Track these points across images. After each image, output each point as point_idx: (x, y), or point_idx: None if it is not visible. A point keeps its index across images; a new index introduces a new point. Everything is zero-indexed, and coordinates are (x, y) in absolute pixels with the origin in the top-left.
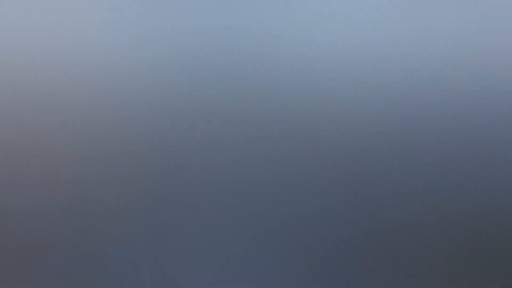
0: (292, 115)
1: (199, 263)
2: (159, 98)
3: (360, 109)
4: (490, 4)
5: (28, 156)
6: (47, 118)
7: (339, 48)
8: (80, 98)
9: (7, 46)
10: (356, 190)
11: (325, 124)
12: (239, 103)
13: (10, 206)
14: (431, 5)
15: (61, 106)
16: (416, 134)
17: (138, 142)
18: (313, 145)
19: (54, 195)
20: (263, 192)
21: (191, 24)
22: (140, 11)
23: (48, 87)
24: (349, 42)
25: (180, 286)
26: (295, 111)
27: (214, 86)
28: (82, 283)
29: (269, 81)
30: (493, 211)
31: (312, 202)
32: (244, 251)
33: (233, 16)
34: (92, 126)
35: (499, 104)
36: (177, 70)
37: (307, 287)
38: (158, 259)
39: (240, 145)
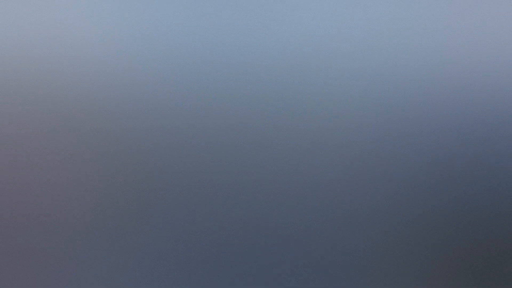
0: (291, 115)
1: (197, 263)
2: (158, 98)
3: (360, 110)
4: (489, 4)
5: (26, 156)
6: (46, 117)
7: (337, 48)
8: (77, 98)
9: (7, 45)
10: (355, 191)
11: (325, 125)
12: (238, 103)
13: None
14: (431, 5)
15: (61, 106)
16: (416, 134)
17: (136, 141)
18: (312, 145)
19: (53, 194)
20: (262, 193)
21: (189, 24)
22: (137, 12)
23: (48, 86)
24: (348, 44)
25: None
26: (294, 111)
27: (213, 86)
28: (81, 283)
29: (267, 81)
30: (492, 212)
31: (311, 203)
32: (243, 252)
33: (231, 17)
34: (89, 126)
35: (499, 105)
36: (175, 70)
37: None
38: (156, 259)
39: (239, 145)
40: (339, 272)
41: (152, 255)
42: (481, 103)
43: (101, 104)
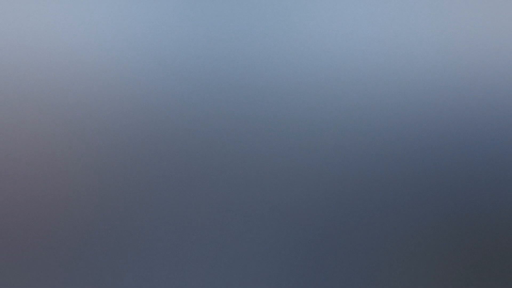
0: (291, 115)
1: (197, 264)
2: (157, 99)
3: (360, 110)
4: (489, 5)
5: (28, 158)
6: (47, 119)
7: (338, 51)
8: (76, 98)
9: (7, 46)
10: (355, 191)
11: (326, 125)
12: (237, 103)
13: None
14: (433, 6)
15: (60, 107)
16: (416, 135)
17: (135, 141)
18: (313, 146)
19: (54, 195)
20: (262, 193)
21: (189, 27)
22: (138, 14)
23: (48, 87)
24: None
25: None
26: (295, 112)
27: (212, 87)
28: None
29: (266, 81)
30: (492, 213)
31: (312, 205)
32: (243, 252)
33: (232, 18)
34: (88, 127)
35: (499, 106)
36: (175, 70)
37: (306, 286)
38: (158, 261)
39: (238, 146)
40: (339, 273)
41: (152, 256)
42: (482, 104)
43: (100, 104)
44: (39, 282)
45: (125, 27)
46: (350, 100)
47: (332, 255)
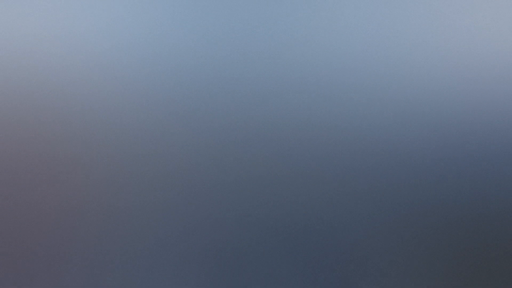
0: (291, 116)
1: (198, 264)
2: (159, 100)
3: (360, 111)
4: (490, 6)
5: (29, 159)
6: (46, 117)
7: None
8: (76, 98)
9: (7, 46)
10: (356, 193)
11: (326, 127)
12: (237, 104)
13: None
14: (435, 7)
15: (61, 106)
16: (417, 136)
17: (134, 142)
18: (313, 146)
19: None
20: (261, 193)
21: (190, 26)
22: (139, 14)
23: (49, 89)
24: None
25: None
26: (296, 113)
27: (216, 90)
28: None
29: (268, 84)
30: (492, 214)
31: (313, 206)
32: (242, 253)
33: (234, 18)
34: (88, 127)
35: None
36: (177, 73)
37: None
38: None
39: (239, 147)
40: (339, 274)
41: (152, 256)
42: (482, 105)
43: (101, 105)
44: (39, 281)
45: (125, 27)
46: (351, 101)
47: (332, 256)
